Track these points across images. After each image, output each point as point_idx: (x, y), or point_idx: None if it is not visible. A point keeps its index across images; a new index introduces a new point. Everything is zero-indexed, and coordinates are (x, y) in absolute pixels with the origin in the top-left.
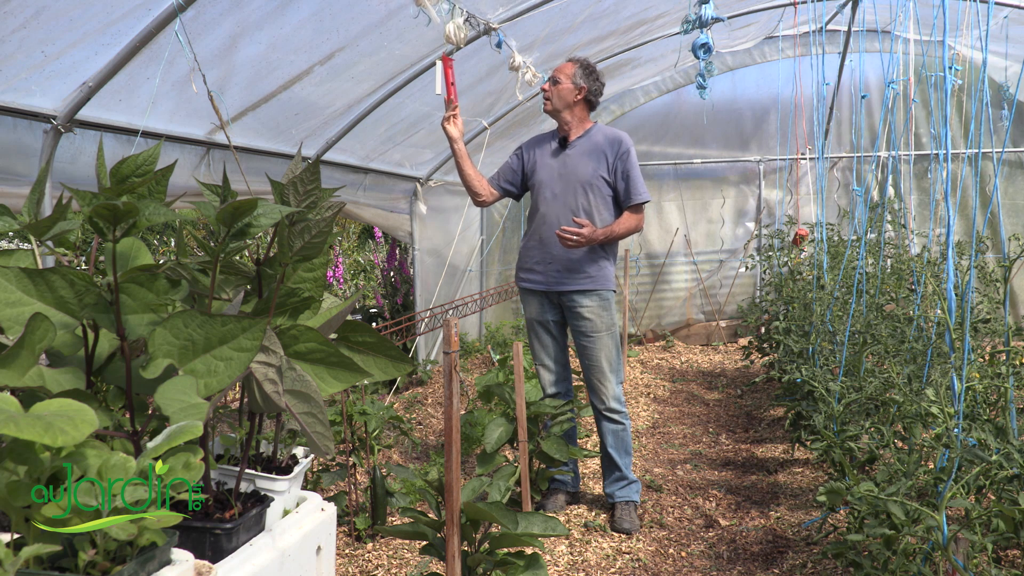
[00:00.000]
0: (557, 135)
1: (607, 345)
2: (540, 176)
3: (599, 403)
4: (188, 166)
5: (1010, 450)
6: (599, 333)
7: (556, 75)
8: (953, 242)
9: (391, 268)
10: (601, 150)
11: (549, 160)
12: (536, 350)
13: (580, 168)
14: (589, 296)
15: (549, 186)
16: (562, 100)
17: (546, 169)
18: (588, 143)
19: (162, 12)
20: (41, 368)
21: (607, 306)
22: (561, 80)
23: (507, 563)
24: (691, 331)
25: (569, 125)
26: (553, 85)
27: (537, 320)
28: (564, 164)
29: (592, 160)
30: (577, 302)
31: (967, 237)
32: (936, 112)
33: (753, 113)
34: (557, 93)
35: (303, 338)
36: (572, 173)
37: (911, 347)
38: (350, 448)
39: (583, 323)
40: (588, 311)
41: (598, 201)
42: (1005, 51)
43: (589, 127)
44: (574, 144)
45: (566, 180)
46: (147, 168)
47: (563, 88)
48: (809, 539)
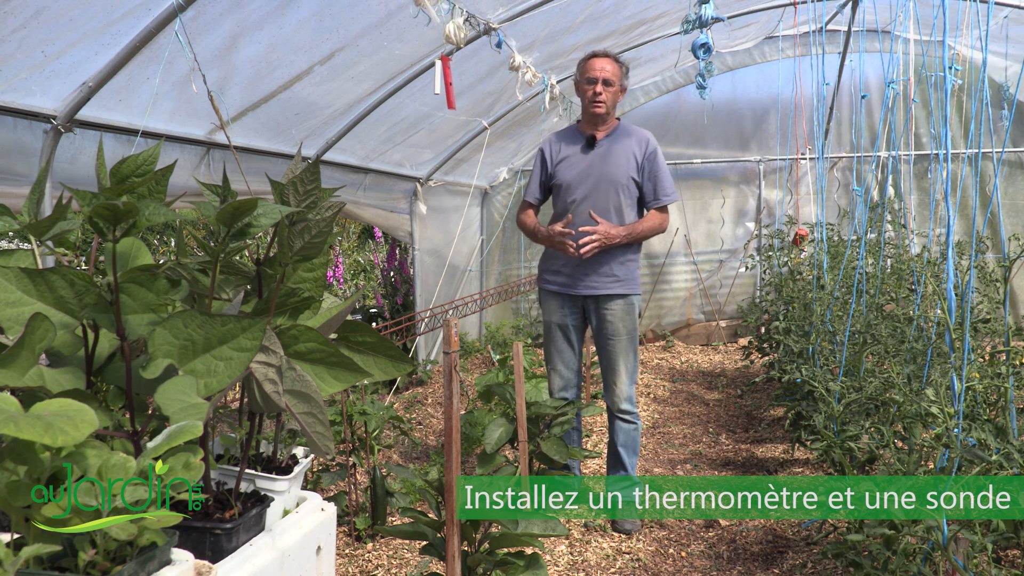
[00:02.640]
0: (581, 133)
1: (626, 348)
2: (567, 176)
3: (612, 403)
4: (188, 166)
5: (1010, 450)
6: (620, 336)
7: (607, 76)
8: (953, 242)
9: (391, 268)
10: (630, 149)
11: (578, 159)
12: (551, 354)
13: (610, 168)
14: (617, 300)
15: (578, 187)
16: (613, 102)
17: (575, 168)
18: (616, 142)
19: (162, 12)
20: (41, 368)
21: (631, 310)
22: (613, 82)
23: (507, 563)
24: (691, 331)
25: (605, 124)
26: (606, 87)
27: (557, 323)
28: (593, 164)
29: (622, 160)
30: (603, 305)
31: (967, 237)
32: (936, 112)
33: (753, 113)
34: (611, 96)
35: (303, 338)
36: (602, 174)
37: (911, 347)
38: (350, 448)
39: (606, 325)
40: (612, 314)
41: (628, 202)
42: (1005, 51)
43: (616, 125)
44: (603, 143)
45: (596, 181)
46: (147, 168)
47: (615, 90)
48: (809, 539)
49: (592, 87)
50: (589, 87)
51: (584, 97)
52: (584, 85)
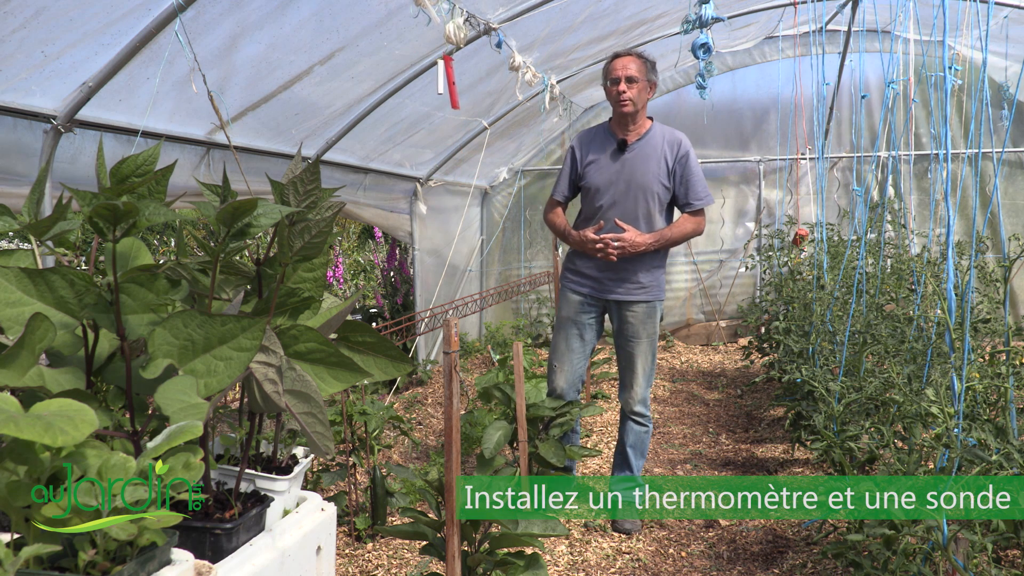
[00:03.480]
0: (613, 135)
1: (645, 351)
2: (596, 180)
3: (626, 404)
4: (188, 166)
5: (1010, 450)
6: (640, 339)
7: (630, 73)
8: (953, 242)
9: (391, 268)
10: (661, 153)
11: (608, 163)
12: (560, 350)
13: (641, 174)
14: (639, 304)
15: (608, 192)
16: (641, 99)
17: (604, 173)
18: (648, 145)
19: (162, 12)
20: (41, 368)
21: (653, 314)
22: (638, 79)
23: (507, 563)
24: (691, 331)
25: (636, 124)
26: (630, 84)
27: (572, 319)
28: (624, 168)
29: (653, 164)
30: (626, 308)
31: (967, 237)
32: (936, 112)
33: (753, 113)
34: (637, 93)
35: (303, 338)
36: (634, 179)
37: (911, 347)
38: (350, 448)
39: (627, 327)
40: (634, 317)
41: (658, 208)
42: (1005, 51)
43: (648, 127)
44: (634, 147)
45: (628, 186)
46: (147, 168)
47: (641, 86)
48: (809, 539)
49: (616, 87)
50: (613, 87)
51: (611, 98)
52: (609, 86)
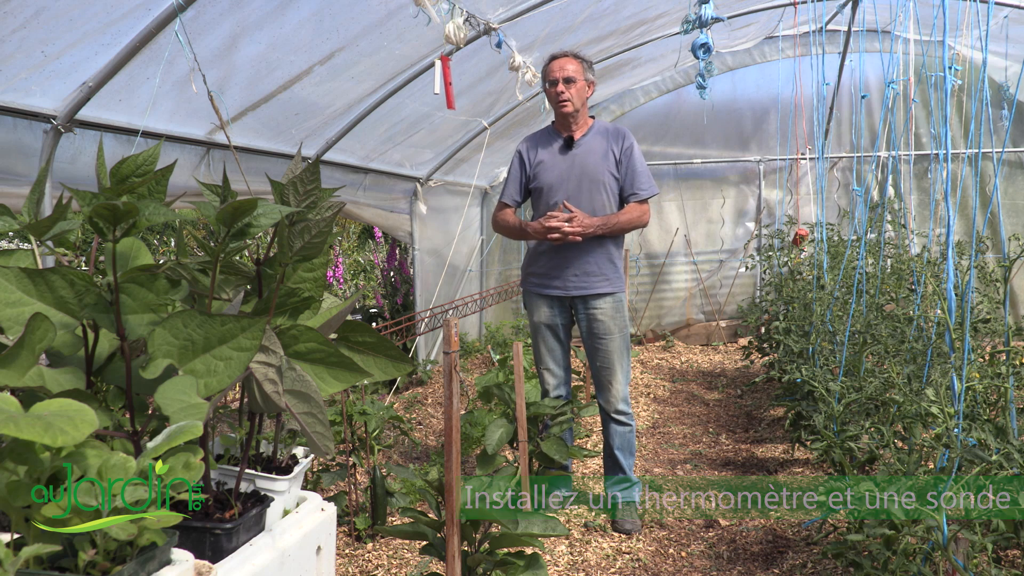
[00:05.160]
0: (558, 134)
1: (619, 346)
2: (547, 178)
3: (607, 404)
4: (188, 166)
5: (1010, 450)
6: (612, 335)
7: (567, 74)
8: (953, 242)
9: (391, 268)
10: (608, 146)
11: (557, 160)
12: (542, 354)
13: (592, 167)
14: (605, 299)
15: (561, 188)
16: (580, 98)
17: (555, 170)
18: (594, 140)
19: (162, 12)
20: (41, 368)
21: (620, 308)
22: (576, 78)
23: (507, 563)
24: (691, 331)
25: (578, 123)
26: (568, 84)
27: (546, 324)
28: (575, 164)
29: (601, 158)
30: (593, 305)
31: (967, 237)
32: (936, 112)
33: (753, 113)
34: (576, 92)
35: (303, 338)
36: (585, 173)
37: (911, 347)
38: (350, 448)
39: (597, 325)
40: (603, 313)
41: (611, 200)
42: (1005, 51)
43: (591, 124)
44: (580, 143)
45: (579, 181)
46: (147, 168)
47: (580, 86)
48: (809, 539)
49: (555, 88)
50: (552, 88)
51: (551, 99)
52: (548, 88)
